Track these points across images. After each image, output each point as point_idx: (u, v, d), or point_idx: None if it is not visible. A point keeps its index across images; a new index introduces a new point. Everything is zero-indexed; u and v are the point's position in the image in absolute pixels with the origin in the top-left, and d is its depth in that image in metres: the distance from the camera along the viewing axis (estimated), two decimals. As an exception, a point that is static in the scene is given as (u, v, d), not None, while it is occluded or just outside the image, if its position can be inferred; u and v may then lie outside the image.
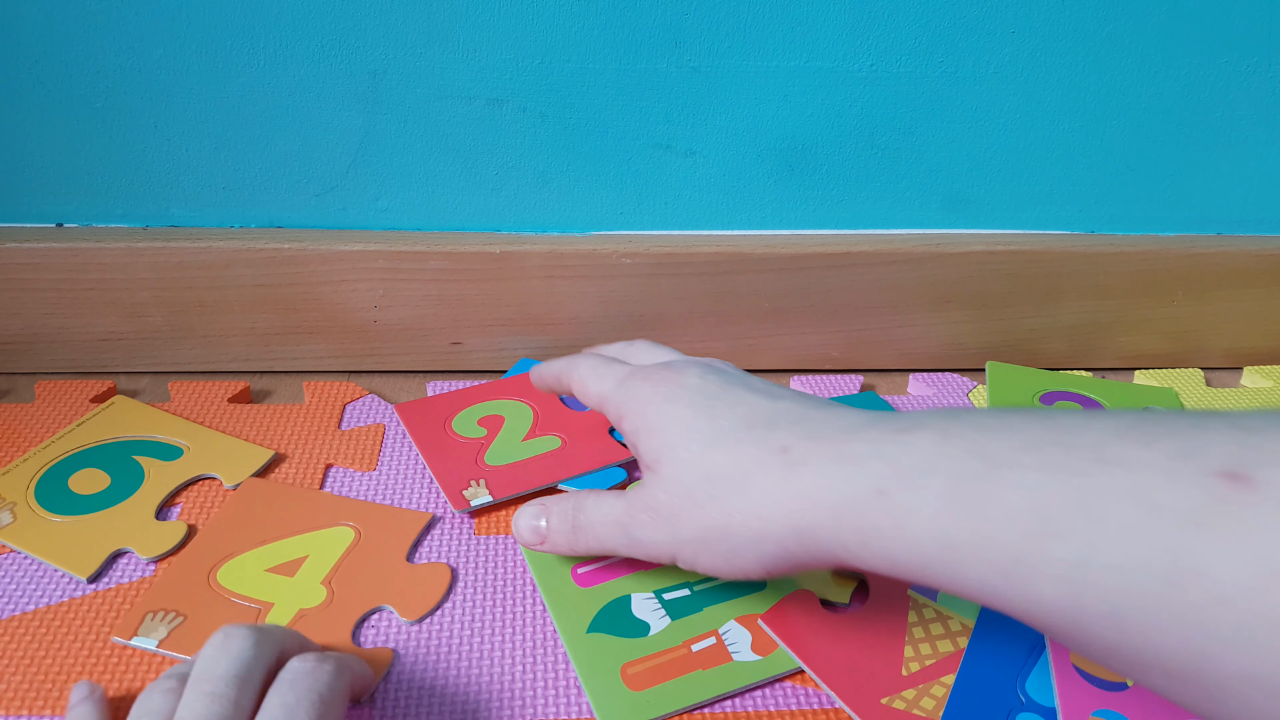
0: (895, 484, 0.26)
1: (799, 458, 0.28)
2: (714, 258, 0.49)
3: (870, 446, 0.27)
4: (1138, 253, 0.52)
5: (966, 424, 0.26)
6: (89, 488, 0.41)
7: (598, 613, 0.36)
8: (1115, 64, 0.47)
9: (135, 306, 0.48)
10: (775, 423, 0.30)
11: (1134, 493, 0.22)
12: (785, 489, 0.28)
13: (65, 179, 0.46)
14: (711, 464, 0.30)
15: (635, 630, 0.35)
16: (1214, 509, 0.21)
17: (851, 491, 0.26)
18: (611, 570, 0.38)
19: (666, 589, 0.37)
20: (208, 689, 0.27)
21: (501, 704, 0.33)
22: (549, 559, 0.38)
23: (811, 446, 0.28)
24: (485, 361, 0.52)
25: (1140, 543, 0.22)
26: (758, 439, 0.29)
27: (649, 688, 0.33)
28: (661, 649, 0.34)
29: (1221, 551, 0.21)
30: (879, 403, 0.49)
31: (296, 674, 0.28)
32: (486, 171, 0.47)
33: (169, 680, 0.28)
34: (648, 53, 0.45)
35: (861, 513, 0.26)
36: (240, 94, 0.44)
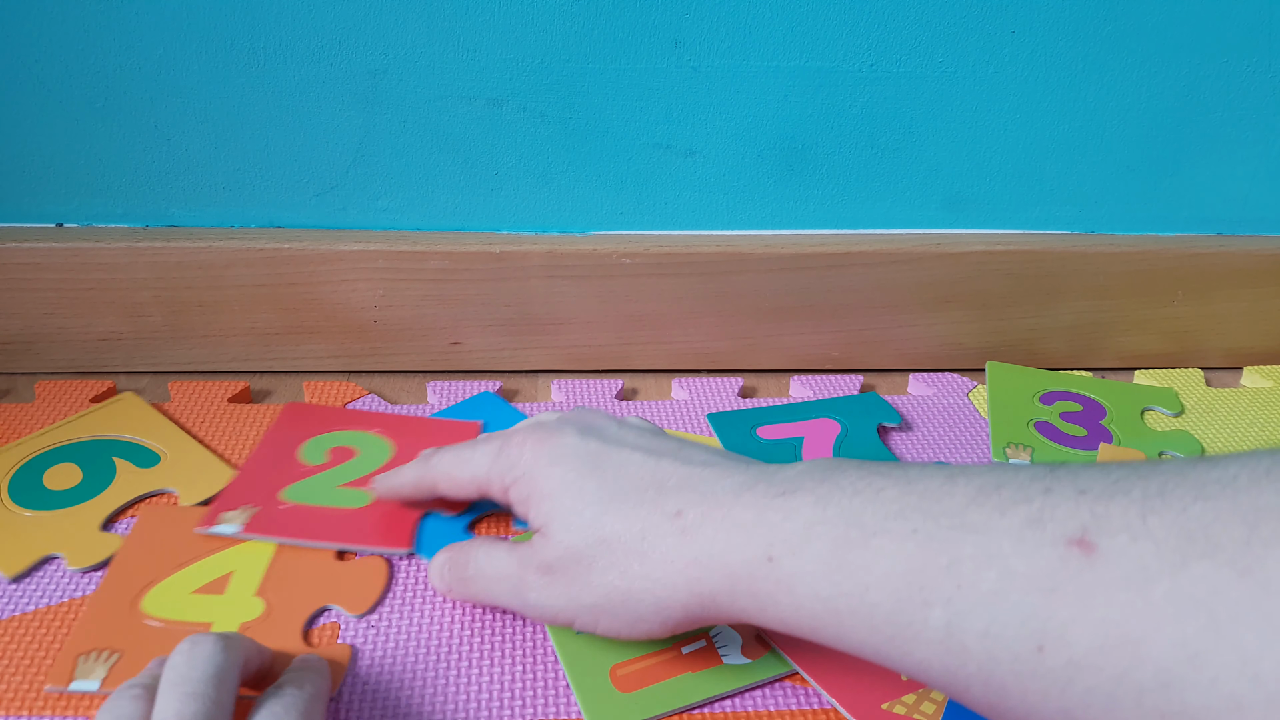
0: (781, 550, 0.27)
1: (692, 523, 0.29)
2: (714, 258, 0.49)
3: (756, 512, 0.28)
4: (1137, 253, 0.52)
5: (840, 487, 0.27)
6: (60, 484, 0.41)
7: None
8: (1115, 64, 0.47)
9: (135, 306, 0.48)
10: (664, 485, 0.30)
11: (993, 560, 0.23)
12: (683, 555, 0.29)
13: (65, 179, 0.46)
14: (606, 528, 0.30)
15: None
16: (1064, 576, 0.22)
17: (744, 558, 0.28)
18: None
19: None
20: (187, 690, 0.26)
21: (484, 704, 0.33)
22: None
23: (704, 511, 0.29)
24: (485, 361, 0.52)
25: (1003, 609, 0.23)
26: (650, 502, 0.30)
27: (638, 689, 0.33)
28: (651, 651, 0.34)
29: (1074, 618, 0.22)
30: (880, 404, 0.49)
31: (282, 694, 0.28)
32: (486, 171, 0.47)
33: (133, 689, 0.28)
34: (648, 53, 0.45)
35: (754, 579, 0.27)
36: (240, 94, 0.44)
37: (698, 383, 0.51)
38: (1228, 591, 0.20)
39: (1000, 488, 0.25)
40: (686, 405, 0.49)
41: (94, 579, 0.37)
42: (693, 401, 0.49)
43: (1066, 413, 0.50)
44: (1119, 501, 0.23)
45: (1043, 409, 0.50)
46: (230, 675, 0.28)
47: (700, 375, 0.52)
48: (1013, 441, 0.47)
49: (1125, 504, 0.23)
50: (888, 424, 0.48)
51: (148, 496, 0.41)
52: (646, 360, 0.53)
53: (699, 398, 0.50)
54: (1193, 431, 0.49)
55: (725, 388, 0.51)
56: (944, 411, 0.50)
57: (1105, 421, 0.49)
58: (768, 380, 0.53)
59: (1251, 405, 0.52)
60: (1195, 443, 0.48)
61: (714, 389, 0.50)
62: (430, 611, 0.36)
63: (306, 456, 0.43)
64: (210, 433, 0.45)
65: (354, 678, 0.33)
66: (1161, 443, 0.48)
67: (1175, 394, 0.52)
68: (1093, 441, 0.47)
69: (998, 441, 0.47)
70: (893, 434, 0.48)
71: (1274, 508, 0.21)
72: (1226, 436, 0.49)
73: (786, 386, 0.53)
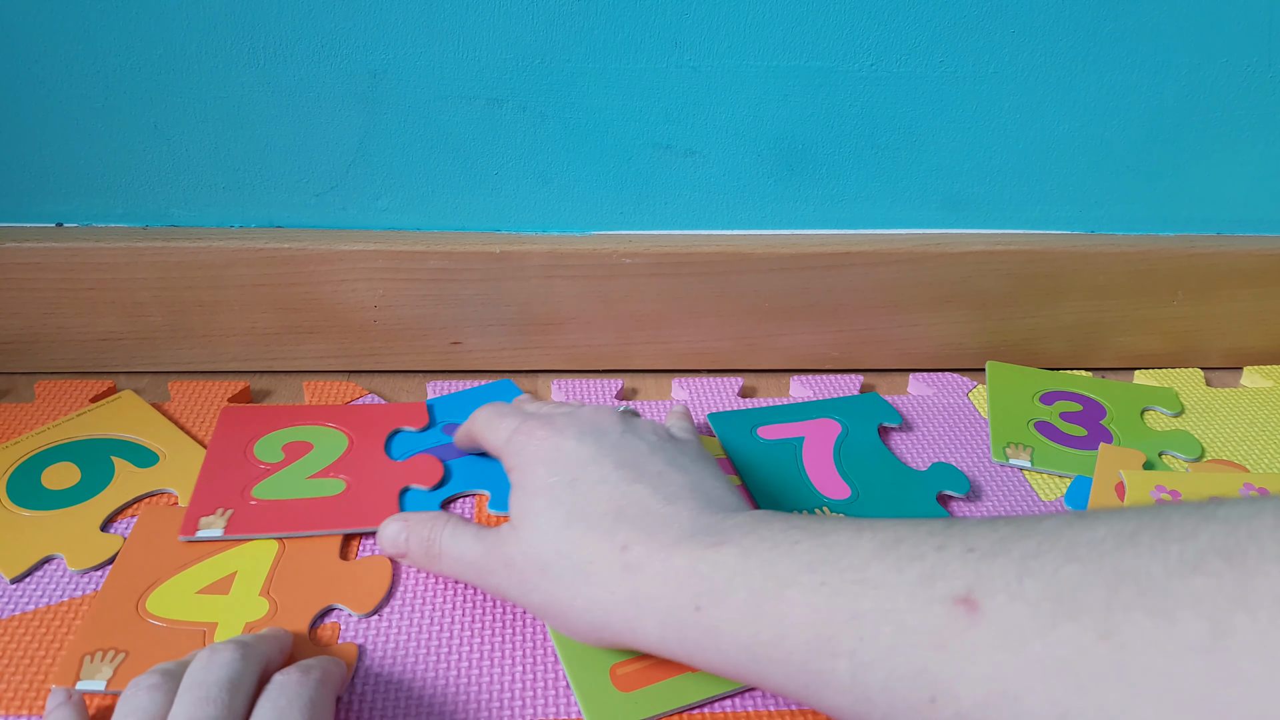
0: (708, 600, 0.28)
1: (635, 561, 0.30)
2: (714, 258, 0.49)
3: (689, 561, 0.29)
4: (1137, 253, 0.52)
5: (762, 540, 0.29)
6: (58, 483, 0.41)
7: None
8: (1115, 64, 0.47)
9: (135, 306, 0.48)
10: (622, 515, 0.31)
11: (889, 615, 0.25)
12: (621, 590, 0.30)
13: (65, 179, 0.46)
14: (564, 542, 0.31)
15: None
16: (951, 633, 0.24)
17: (674, 606, 0.29)
18: None
19: None
20: (201, 694, 0.27)
21: (484, 704, 0.33)
22: None
23: (647, 552, 0.30)
24: (485, 361, 0.52)
25: (899, 663, 0.25)
26: (604, 530, 0.31)
27: (638, 689, 0.33)
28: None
29: (959, 674, 0.23)
30: (880, 404, 0.49)
31: (285, 683, 0.29)
32: (486, 171, 0.47)
33: (153, 676, 0.29)
34: (648, 53, 0.44)
35: (682, 626, 0.29)
36: (240, 94, 0.44)
37: (698, 383, 0.51)
38: (1091, 653, 0.22)
39: (899, 543, 0.27)
40: (686, 405, 0.49)
41: (94, 579, 0.37)
42: (693, 401, 0.49)
43: (1066, 413, 0.50)
44: (1000, 561, 0.24)
45: (1043, 409, 0.50)
46: (245, 682, 0.28)
47: (700, 375, 0.52)
48: (1013, 441, 0.47)
49: (1005, 563, 0.24)
50: (888, 424, 0.48)
51: (147, 496, 0.41)
52: (646, 360, 0.53)
53: (699, 398, 0.50)
54: (1193, 431, 0.49)
55: (725, 388, 0.51)
56: (944, 411, 0.50)
57: (1105, 421, 0.49)
58: (768, 380, 0.53)
59: (1251, 405, 0.52)
60: (1195, 442, 0.48)
61: (714, 389, 0.50)
62: (432, 612, 0.36)
63: (262, 455, 0.43)
64: (210, 433, 0.45)
65: (358, 677, 0.33)
66: (1161, 443, 0.48)
67: (1175, 394, 0.52)
68: (1093, 441, 0.47)
69: (998, 441, 0.47)
70: (893, 434, 0.48)
71: (1133, 572, 0.22)
72: (1226, 436, 0.49)
73: (786, 386, 0.53)
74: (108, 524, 0.39)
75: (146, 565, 0.37)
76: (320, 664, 0.31)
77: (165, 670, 0.29)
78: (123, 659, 0.33)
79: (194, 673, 0.28)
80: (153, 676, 0.29)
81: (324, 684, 0.30)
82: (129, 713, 0.27)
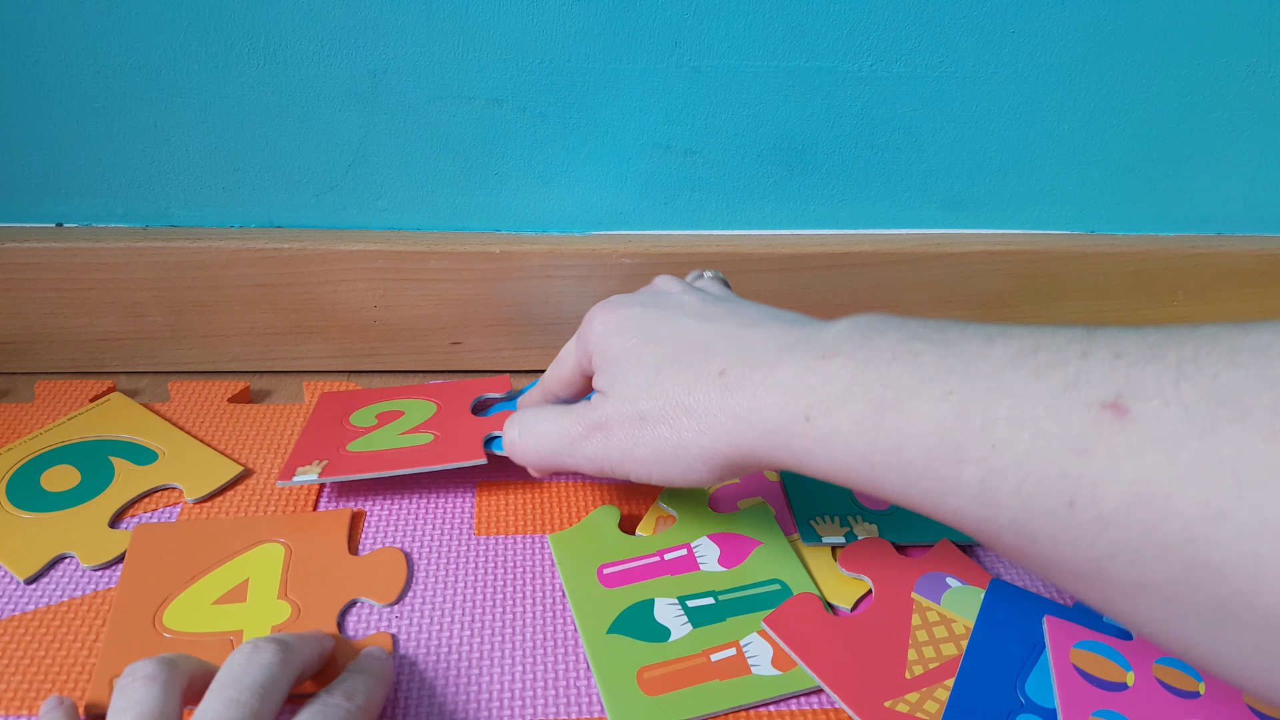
0: (819, 411, 0.28)
1: (734, 381, 0.31)
2: (714, 258, 0.49)
3: (796, 374, 0.29)
4: (1137, 253, 0.52)
5: (879, 351, 0.28)
6: (59, 485, 0.41)
7: (620, 614, 0.36)
8: (1115, 64, 0.47)
9: (135, 306, 0.48)
10: (711, 347, 0.32)
11: (1026, 422, 0.24)
12: (724, 410, 0.30)
13: (65, 179, 0.46)
14: (659, 388, 0.32)
15: (656, 635, 0.35)
16: (1096, 438, 0.23)
17: (781, 416, 0.29)
18: (637, 574, 0.38)
19: (691, 596, 0.37)
20: (232, 694, 0.27)
21: (507, 701, 0.33)
22: (578, 558, 0.38)
23: (745, 372, 0.30)
24: (485, 361, 0.52)
25: (1035, 468, 0.24)
26: (698, 364, 0.32)
27: (664, 693, 0.33)
28: (680, 655, 0.34)
29: (1104, 477, 0.23)
30: None
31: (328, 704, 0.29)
32: (486, 171, 0.47)
33: (149, 665, 0.28)
34: (648, 53, 0.45)
35: (790, 435, 0.29)
36: (240, 94, 0.44)
37: (698, 383, 0.51)
38: (1253, 455, 0.21)
39: (1037, 351, 0.26)
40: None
41: (109, 576, 0.37)
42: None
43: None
44: (1153, 367, 0.23)
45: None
46: (278, 687, 0.28)
47: (700, 375, 0.52)
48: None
49: (1159, 369, 0.23)
50: None
51: (152, 492, 0.41)
52: (646, 360, 0.53)
53: (699, 398, 0.50)
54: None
55: (725, 388, 0.51)
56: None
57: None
58: (768, 380, 0.53)
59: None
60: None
61: (714, 389, 0.50)
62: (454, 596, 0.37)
63: (357, 422, 0.45)
64: (210, 433, 0.45)
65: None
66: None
67: (1175, 394, 0.52)
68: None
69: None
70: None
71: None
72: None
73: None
74: (115, 521, 0.39)
75: (152, 583, 0.36)
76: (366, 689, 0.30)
77: (164, 659, 0.29)
78: None
79: (230, 668, 0.28)
80: (149, 665, 0.28)
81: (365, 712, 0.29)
82: (125, 708, 0.27)
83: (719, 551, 0.39)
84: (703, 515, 0.41)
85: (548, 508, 0.42)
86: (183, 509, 0.41)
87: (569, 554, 0.39)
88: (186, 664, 0.29)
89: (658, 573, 0.38)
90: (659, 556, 0.39)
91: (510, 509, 0.41)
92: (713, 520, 0.41)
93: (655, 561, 0.39)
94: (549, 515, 0.41)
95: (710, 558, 0.39)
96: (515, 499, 0.42)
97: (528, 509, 0.41)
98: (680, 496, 0.42)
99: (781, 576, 0.38)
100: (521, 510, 0.41)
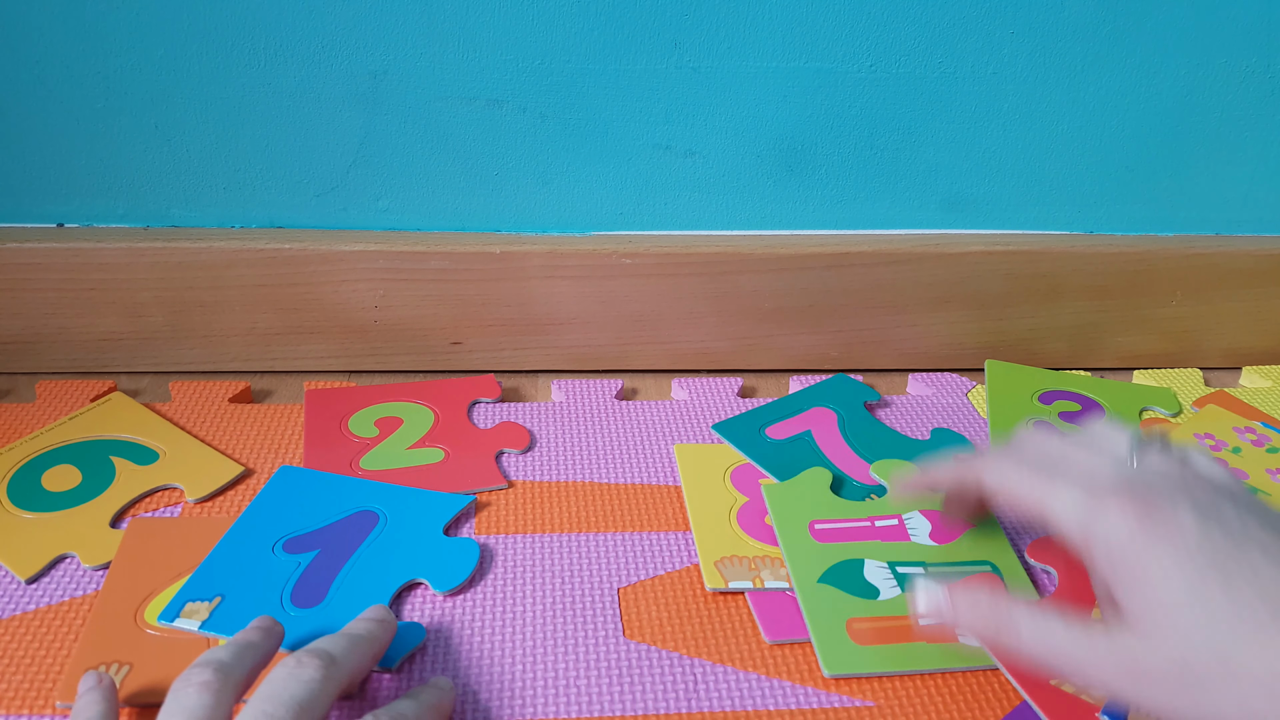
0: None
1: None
2: (714, 258, 0.49)
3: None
4: (1136, 253, 0.52)
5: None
6: (60, 485, 0.41)
7: (830, 567, 0.38)
8: (1114, 64, 0.47)
9: (136, 306, 0.48)
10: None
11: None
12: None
13: (66, 179, 0.46)
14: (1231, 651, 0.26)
15: (865, 591, 0.37)
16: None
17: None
18: (849, 534, 0.40)
19: (902, 563, 0.39)
20: (269, 709, 0.27)
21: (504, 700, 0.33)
22: (792, 510, 0.40)
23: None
24: (485, 361, 0.52)
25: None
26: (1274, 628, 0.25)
27: (872, 645, 0.35)
28: (889, 614, 0.36)
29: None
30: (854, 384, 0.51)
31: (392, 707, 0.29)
32: (486, 171, 0.48)
33: (205, 672, 0.28)
34: (648, 53, 0.45)
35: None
36: (240, 94, 0.44)
37: (697, 383, 0.51)
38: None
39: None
40: (686, 405, 0.49)
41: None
42: (692, 401, 0.50)
43: (1065, 412, 0.50)
44: None
45: (1042, 408, 0.50)
46: (319, 704, 0.28)
47: (700, 375, 0.53)
48: (1012, 441, 0.47)
49: None
50: (870, 401, 0.50)
51: (153, 492, 0.41)
52: (646, 360, 0.53)
53: (699, 398, 0.50)
54: (1192, 431, 0.49)
55: (725, 388, 0.51)
56: (943, 411, 0.50)
57: (1104, 421, 0.49)
58: (767, 380, 0.54)
59: (1250, 403, 0.52)
60: (1195, 443, 0.48)
61: (714, 389, 0.51)
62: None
63: (357, 430, 0.45)
64: (211, 433, 0.45)
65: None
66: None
67: (1174, 394, 0.52)
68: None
69: (997, 441, 0.47)
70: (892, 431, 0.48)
71: None
72: (1225, 435, 0.49)
73: (786, 386, 0.53)
74: (117, 520, 0.40)
75: (140, 577, 0.36)
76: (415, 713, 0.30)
77: (219, 665, 0.28)
78: (126, 671, 0.32)
79: (272, 681, 0.28)
80: (204, 672, 0.28)
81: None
82: (176, 711, 0.27)
83: (930, 527, 0.40)
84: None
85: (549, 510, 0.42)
86: (184, 509, 0.41)
87: (783, 505, 0.41)
88: (240, 669, 0.29)
89: (868, 536, 0.40)
90: (870, 522, 0.41)
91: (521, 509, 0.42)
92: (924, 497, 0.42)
93: (866, 526, 0.40)
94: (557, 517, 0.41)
95: (921, 531, 0.40)
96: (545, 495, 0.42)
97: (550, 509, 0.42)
98: (888, 468, 0.44)
99: (993, 559, 0.39)
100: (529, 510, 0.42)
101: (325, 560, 0.37)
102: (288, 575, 0.36)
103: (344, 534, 0.39)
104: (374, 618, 0.33)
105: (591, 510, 0.42)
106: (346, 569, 0.37)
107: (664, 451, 0.46)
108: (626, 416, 0.48)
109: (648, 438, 0.47)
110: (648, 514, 0.42)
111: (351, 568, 0.37)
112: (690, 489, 0.42)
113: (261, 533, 0.38)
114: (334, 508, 0.40)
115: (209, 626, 0.34)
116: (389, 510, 0.40)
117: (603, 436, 0.46)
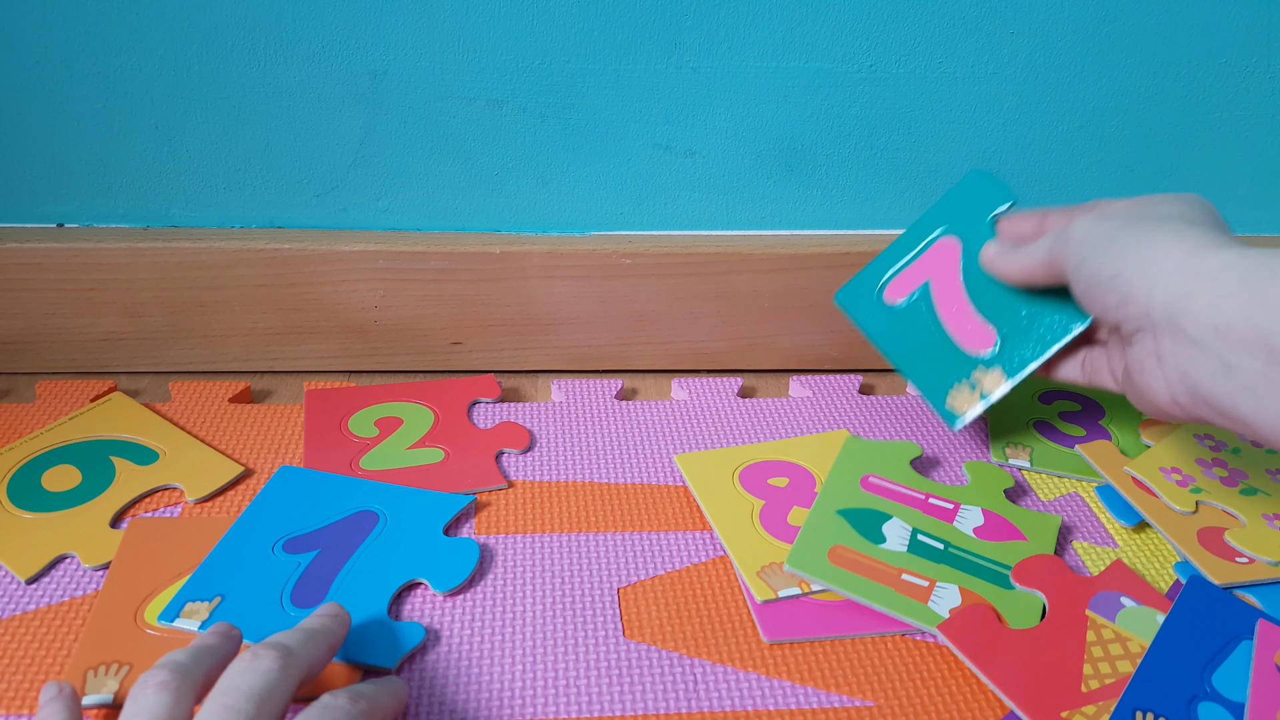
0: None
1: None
2: (714, 258, 0.49)
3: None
4: (1137, 253, 0.52)
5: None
6: (60, 485, 0.41)
7: (856, 508, 0.41)
8: (1114, 64, 0.47)
9: (136, 306, 0.48)
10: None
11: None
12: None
13: (66, 179, 0.46)
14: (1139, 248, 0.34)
15: (872, 536, 0.39)
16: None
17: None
18: (897, 496, 0.42)
19: (925, 533, 0.40)
20: (229, 702, 0.27)
21: (504, 700, 0.33)
22: (855, 462, 0.43)
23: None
24: (485, 361, 0.52)
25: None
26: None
27: (839, 567, 0.37)
28: (879, 559, 0.38)
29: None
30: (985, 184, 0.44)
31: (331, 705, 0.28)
32: (486, 171, 0.48)
33: (161, 672, 0.28)
34: (648, 53, 0.45)
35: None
36: (240, 94, 0.44)
37: (697, 383, 0.51)
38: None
39: None
40: (686, 405, 0.49)
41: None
42: (692, 401, 0.50)
43: (1065, 412, 0.50)
44: None
45: (1042, 408, 0.50)
46: (278, 694, 0.28)
47: (700, 375, 0.53)
48: (1012, 441, 0.47)
49: None
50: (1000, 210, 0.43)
51: (153, 492, 0.41)
52: (646, 360, 0.53)
53: (699, 398, 0.50)
54: (1191, 431, 0.49)
55: (725, 388, 0.51)
56: (943, 411, 0.50)
57: (1104, 421, 0.49)
58: (767, 380, 0.54)
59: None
60: (1195, 444, 0.48)
61: (714, 389, 0.51)
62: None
63: (357, 431, 0.45)
64: (211, 432, 0.45)
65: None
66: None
67: (1174, 394, 0.52)
68: (1091, 441, 0.47)
69: (997, 441, 0.47)
70: (894, 435, 0.48)
71: None
72: (1225, 436, 0.49)
73: (786, 386, 0.53)
74: (117, 521, 0.39)
75: (140, 577, 0.36)
76: (372, 694, 0.30)
77: (177, 666, 0.28)
78: (127, 671, 0.32)
79: (230, 676, 0.28)
80: (162, 674, 0.28)
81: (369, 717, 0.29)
82: (135, 713, 0.27)
83: (982, 523, 0.41)
84: (993, 495, 0.43)
85: (548, 510, 0.42)
86: (183, 509, 0.41)
87: (849, 458, 0.43)
88: (198, 670, 0.29)
89: (912, 505, 0.42)
90: (925, 497, 0.42)
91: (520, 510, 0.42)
92: (999, 502, 0.43)
93: (918, 498, 0.42)
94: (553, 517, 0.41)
95: (969, 524, 0.41)
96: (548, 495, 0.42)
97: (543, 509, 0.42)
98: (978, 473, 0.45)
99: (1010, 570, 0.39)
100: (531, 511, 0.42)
101: (325, 560, 0.37)
102: (288, 575, 0.36)
103: (344, 534, 0.39)
104: (328, 613, 0.33)
105: (591, 510, 0.42)
106: (346, 569, 0.37)
107: (664, 452, 0.46)
108: (626, 416, 0.48)
109: (647, 438, 0.47)
110: (648, 514, 0.42)
111: (351, 568, 0.37)
112: (706, 499, 0.42)
113: (261, 533, 0.38)
114: (334, 508, 0.40)
115: (209, 627, 0.34)
116: (389, 510, 0.40)
117: (602, 436, 0.46)
